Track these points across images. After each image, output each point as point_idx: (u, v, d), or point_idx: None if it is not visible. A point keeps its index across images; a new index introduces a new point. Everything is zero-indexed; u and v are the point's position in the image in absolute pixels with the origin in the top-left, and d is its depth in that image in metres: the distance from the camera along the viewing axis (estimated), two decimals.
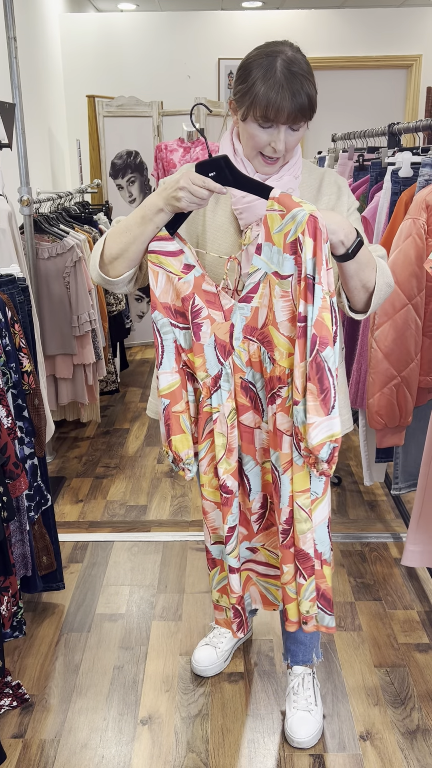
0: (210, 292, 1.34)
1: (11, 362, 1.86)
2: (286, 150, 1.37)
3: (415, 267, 1.90)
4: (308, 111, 1.33)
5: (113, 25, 5.94)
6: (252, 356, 1.36)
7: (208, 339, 1.35)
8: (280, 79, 1.30)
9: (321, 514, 1.45)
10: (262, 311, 1.32)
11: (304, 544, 1.43)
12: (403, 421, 2.08)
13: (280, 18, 5.93)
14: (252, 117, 1.34)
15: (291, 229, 1.23)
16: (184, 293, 1.34)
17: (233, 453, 1.42)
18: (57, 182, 5.65)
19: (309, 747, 1.72)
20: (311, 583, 1.47)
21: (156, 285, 1.35)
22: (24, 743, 1.75)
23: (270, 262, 1.28)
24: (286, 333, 1.30)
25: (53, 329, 3.34)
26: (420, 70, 6.10)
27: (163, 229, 1.34)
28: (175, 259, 1.33)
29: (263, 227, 1.28)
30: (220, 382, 1.38)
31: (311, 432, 1.28)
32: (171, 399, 1.39)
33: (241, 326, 1.35)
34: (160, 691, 1.91)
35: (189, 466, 1.44)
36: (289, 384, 1.32)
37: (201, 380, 1.38)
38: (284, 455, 1.37)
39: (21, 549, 2.00)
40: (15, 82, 2.91)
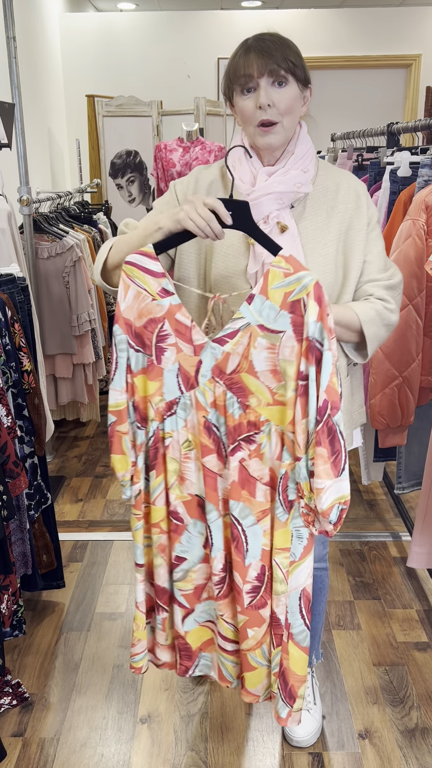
0: (182, 323, 1.30)
1: (11, 361, 1.86)
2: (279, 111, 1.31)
3: (415, 268, 1.91)
4: (282, 62, 1.29)
5: (113, 24, 5.94)
6: (217, 398, 1.31)
7: (170, 365, 1.32)
8: (250, 44, 1.32)
9: (296, 580, 1.35)
10: (234, 358, 1.28)
11: (277, 608, 1.36)
12: (405, 421, 2.08)
13: (279, 17, 5.93)
14: (235, 92, 1.33)
15: (295, 289, 1.22)
16: (154, 315, 1.30)
17: (185, 483, 1.37)
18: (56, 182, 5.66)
19: (308, 746, 1.73)
20: (277, 654, 1.39)
21: (123, 299, 1.30)
22: (24, 741, 1.75)
23: (259, 315, 1.26)
24: (266, 382, 1.28)
25: (53, 329, 3.34)
26: (419, 69, 6.10)
27: (150, 246, 1.30)
28: (154, 279, 1.29)
29: (262, 280, 1.25)
30: (176, 408, 1.33)
31: (322, 496, 1.25)
32: (117, 418, 1.34)
33: (210, 365, 1.30)
34: (160, 689, 1.92)
35: (124, 488, 1.39)
36: (264, 432, 1.30)
37: (155, 405, 1.34)
38: (257, 504, 1.33)
39: (21, 547, 2.00)
40: (14, 81, 2.91)
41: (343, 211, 1.41)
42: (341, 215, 1.41)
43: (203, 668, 1.52)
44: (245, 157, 1.39)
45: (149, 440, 1.36)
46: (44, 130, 5.33)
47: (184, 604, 1.45)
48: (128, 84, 5.88)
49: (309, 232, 1.40)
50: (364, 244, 1.42)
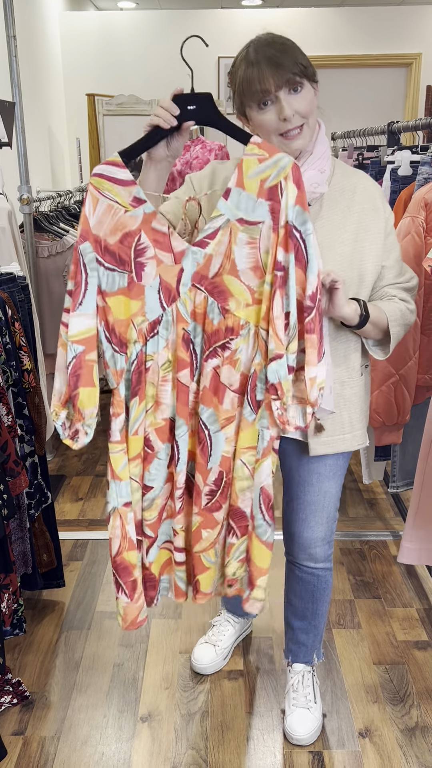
0: (160, 231, 1.23)
1: (11, 360, 1.86)
2: (301, 116, 1.30)
3: (413, 265, 1.91)
4: (295, 68, 1.27)
5: (113, 23, 5.94)
6: (197, 307, 1.27)
7: (151, 281, 1.24)
8: (254, 56, 1.29)
9: (258, 477, 1.37)
10: (216, 259, 1.23)
11: (242, 503, 1.37)
12: (401, 419, 2.08)
13: (279, 16, 5.93)
14: (249, 107, 1.32)
15: (272, 174, 1.17)
16: (129, 228, 1.22)
17: (160, 407, 1.32)
18: (57, 181, 5.65)
19: (308, 744, 1.73)
20: (243, 543, 1.40)
21: (93, 213, 1.21)
22: (24, 740, 1.75)
23: (236, 208, 1.21)
24: (246, 282, 1.24)
25: (53, 327, 3.34)
26: (420, 68, 6.09)
27: (116, 154, 1.23)
28: (124, 189, 1.21)
29: (236, 171, 1.21)
30: (158, 328, 1.27)
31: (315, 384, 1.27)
32: (86, 346, 1.25)
33: (191, 272, 1.25)
34: (160, 688, 1.92)
35: (89, 427, 1.30)
36: (243, 335, 1.26)
37: (137, 326, 1.27)
38: (224, 411, 1.31)
39: (21, 546, 2.00)
40: (15, 80, 2.91)
41: (360, 212, 1.42)
42: (358, 216, 1.42)
43: (163, 592, 1.51)
44: None
45: (132, 364, 1.29)
46: (44, 128, 5.33)
47: (149, 534, 1.42)
48: (128, 83, 5.88)
49: (325, 231, 1.41)
50: (381, 248, 1.44)
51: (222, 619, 2.06)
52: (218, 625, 2.05)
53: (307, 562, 1.70)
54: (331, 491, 1.61)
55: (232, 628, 2.04)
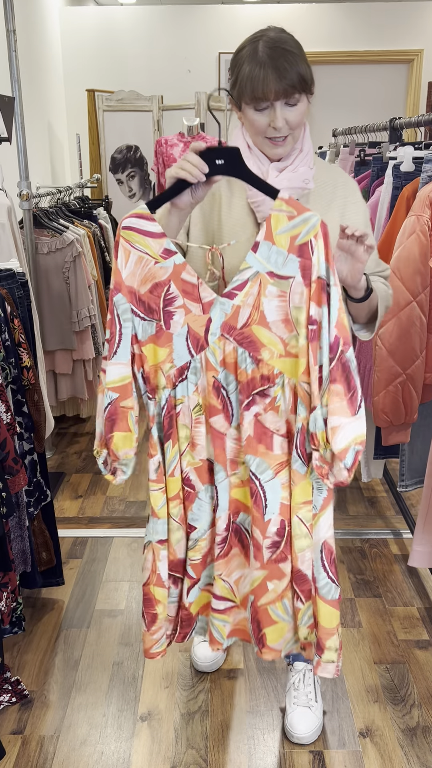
0: (189, 282, 1.26)
1: (11, 357, 1.85)
2: (290, 127, 1.35)
3: (419, 264, 1.89)
4: (297, 83, 1.31)
5: (113, 18, 5.92)
6: (227, 356, 1.29)
7: (179, 329, 1.28)
8: (263, 57, 1.30)
9: (318, 533, 1.35)
10: (245, 310, 1.26)
11: (302, 564, 1.35)
12: (409, 419, 2.07)
13: (280, 12, 5.91)
14: (245, 103, 1.35)
15: (302, 231, 1.21)
16: (159, 279, 1.26)
17: (197, 448, 1.35)
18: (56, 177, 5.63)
19: (309, 743, 1.72)
20: (309, 608, 1.39)
21: (124, 265, 1.25)
22: (23, 739, 1.74)
23: (267, 261, 1.24)
24: (278, 333, 1.26)
25: (53, 324, 3.33)
26: (421, 64, 6.07)
27: (143, 205, 1.25)
28: (155, 241, 1.25)
29: (265, 226, 1.24)
30: (186, 373, 1.31)
31: (337, 435, 1.24)
32: (121, 393, 1.29)
33: (219, 322, 1.28)
34: (160, 687, 1.91)
35: (125, 466, 1.36)
36: (278, 384, 1.28)
37: (165, 372, 1.31)
38: (274, 457, 1.32)
39: (20, 545, 1.99)
40: (14, 75, 2.89)
41: (342, 205, 1.48)
42: (340, 209, 1.48)
43: (199, 630, 1.53)
44: (249, 152, 1.40)
45: (162, 410, 1.33)
46: (44, 124, 5.31)
47: (192, 575, 1.43)
48: (129, 78, 5.86)
49: None
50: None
51: None
52: None
53: None
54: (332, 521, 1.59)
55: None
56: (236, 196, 1.44)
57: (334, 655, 1.41)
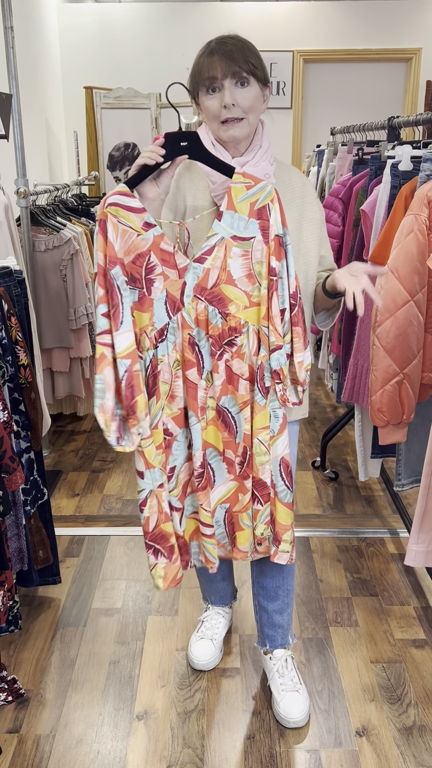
0: (166, 251, 1.41)
1: (8, 355, 1.85)
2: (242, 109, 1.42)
3: (417, 263, 1.89)
4: (244, 63, 1.40)
5: (111, 15, 5.90)
6: (199, 314, 1.45)
7: (159, 294, 1.43)
8: (212, 45, 1.43)
9: (276, 451, 1.57)
10: (213, 272, 1.43)
11: (263, 474, 1.57)
12: (406, 418, 2.06)
13: (279, 10, 5.89)
14: (201, 93, 1.44)
15: (260, 197, 1.40)
16: (141, 250, 1.40)
17: (175, 399, 1.51)
18: (54, 174, 5.62)
19: (303, 724, 1.76)
20: (266, 508, 1.61)
21: (116, 239, 1.38)
22: (19, 738, 1.74)
23: (230, 227, 1.41)
24: (243, 288, 1.44)
25: (50, 322, 3.32)
26: (419, 63, 6.07)
27: (123, 185, 1.39)
28: (136, 215, 1.38)
29: (226, 197, 1.40)
30: (166, 333, 1.46)
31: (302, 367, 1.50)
32: (132, 359, 1.42)
33: (193, 284, 1.44)
34: (156, 686, 1.91)
35: (143, 428, 1.47)
36: (245, 333, 1.46)
37: (149, 334, 1.45)
38: (240, 396, 1.52)
39: (17, 543, 1.99)
40: (12, 72, 2.88)
41: (302, 204, 1.57)
42: (299, 207, 1.57)
43: (195, 556, 1.69)
44: (213, 149, 1.48)
45: (147, 369, 1.47)
46: (42, 121, 5.30)
47: (178, 506, 1.61)
48: (127, 76, 5.85)
49: None
50: (319, 238, 1.61)
51: (212, 613, 2.06)
52: (209, 619, 2.05)
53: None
54: (293, 457, 1.73)
55: (223, 620, 2.05)
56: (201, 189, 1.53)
57: (288, 547, 1.64)
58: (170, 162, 1.41)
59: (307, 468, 3.22)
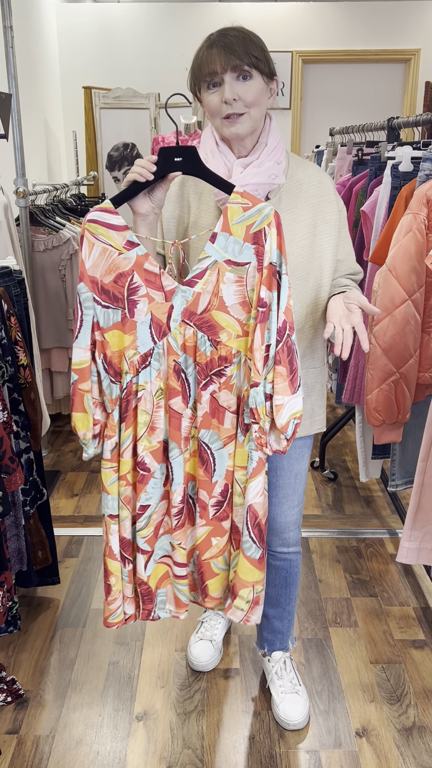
0: (151, 272, 1.34)
1: (7, 355, 1.84)
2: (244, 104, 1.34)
3: (415, 262, 1.89)
4: (245, 56, 1.32)
5: (110, 15, 5.89)
6: (187, 341, 1.37)
7: (143, 317, 1.36)
8: (212, 38, 1.35)
9: (249, 494, 1.43)
10: (204, 297, 1.34)
11: (236, 517, 1.48)
12: (402, 418, 2.07)
13: (278, 10, 5.89)
14: (202, 88, 1.37)
15: (257, 220, 1.30)
16: (123, 269, 1.34)
17: (155, 432, 1.42)
18: (53, 174, 5.62)
19: (303, 726, 1.76)
20: (237, 556, 1.50)
21: (88, 257, 1.32)
22: (18, 739, 1.74)
23: (224, 251, 1.32)
24: (236, 315, 1.35)
25: (49, 322, 3.31)
26: (418, 64, 6.07)
27: (108, 200, 1.32)
28: (118, 233, 1.32)
29: (222, 218, 1.31)
30: (150, 359, 1.38)
31: (281, 412, 1.35)
32: (80, 376, 1.37)
33: (180, 309, 1.36)
34: (156, 686, 1.90)
35: (86, 446, 1.42)
36: (236, 363, 1.37)
37: (129, 358, 1.38)
38: (225, 430, 1.42)
39: (16, 544, 1.98)
40: (11, 72, 2.88)
41: (317, 204, 1.47)
42: (314, 208, 1.47)
43: (161, 605, 1.58)
44: (216, 149, 1.43)
45: (122, 392, 1.40)
46: (41, 121, 5.29)
47: (146, 549, 1.49)
48: (126, 76, 5.84)
49: (286, 223, 1.46)
50: (336, 241, 1.51)
51: (211, 614, 2.06)
52: (209, 620, 2.04)
53: (281, 548, 1.73)
54: (302, 473, 1.68)
55: (223, 621, 2.06)
56: (205, 199, 1.47)
57: (244, 605, 1.51)
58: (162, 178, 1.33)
59: None
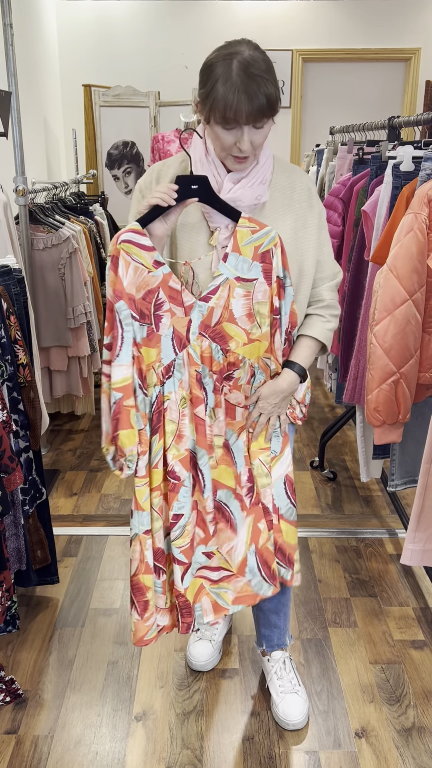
0: (174, 288, 1.45)
1: (6, 354, 1.84)
2: (253, 147, 1.40)
3: (416, 262, 1.88)
4: (267, 110, 1.34)
5: (110, 13, 5.88)
6: (203, 351, 1.49)
7: (166, 330, 1.46)
8: (236, 82, 1.31)
9: (279, 470, 1.59)
10: (217, 311, 1.47)
11: (264, 498, 1.58)
12: (402, 418, 2.06)
13: (278, 8, 5.88)
14: (214, 120, 1.37)
15: (264, 242, 1.46)
16: (151, 286, 1.44)
17: (182, 440, 1.51)
18: (52, 172, 5.61)
19: (302, 727, 1.76)
20: (270, 536, 1.60)
21: (125, 275, 1.42)
22: (17, 739, 1.73)
23: (234, 269, 1.46)
24: (242, 326, 1.49)
25: (48, 321, 3.31)
26: (418, 63, 6.07)
27: (135, 222, 1.42)
28: (148, 253, 1.43)
29: (232, 240, 1.44)
30: (173, 370, 1.48)
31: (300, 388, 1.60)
32: (124, 393, 1.44)
33: (198, 322, 1.47)
34: (155, 686, 1.90)
35: (130, 462, 1.48)
36: (242, 367, 1.51)
37: (156, 370, 1.47)
38: (237, 423, 1.56)
39: (15, 543, 1.98)
40: (11, 69, 2.87)
41: (298, 209, 1.54)
42: (296, 212, 1.54)
43: (199, 619, 1.63)
44: (206, 159, 1.47)
45: (152, 405, 1.49)
46: (40, 119, 5.28)
47: (183, 560, 1.55)
48: (126, 74, 5.83)
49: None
50: (317, 243, 1.58)
51: None
52: None
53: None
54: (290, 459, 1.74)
55: (222, 621, 2.04)
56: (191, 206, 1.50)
57: (299, 566, 1.65)
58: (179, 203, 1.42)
59: (305, 468, 3.22)
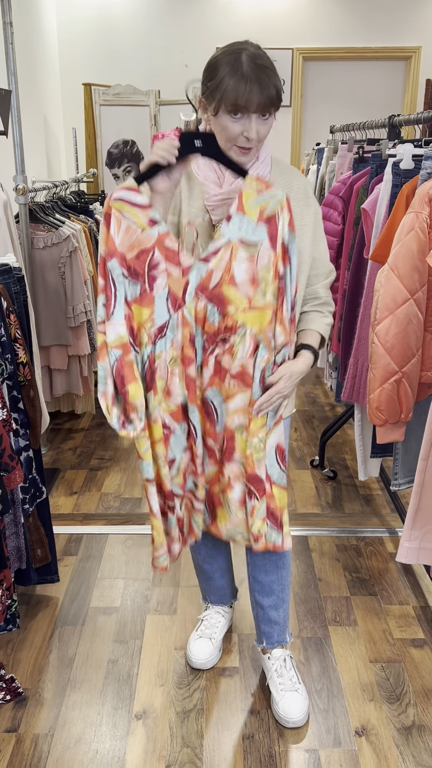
0: (171, 249, 1.43)
1: (6, 353, 1.84)
2: (259, 139, 1.43)
3: (417, 261, 1.88)
4: (276, 100, 1.40)
5: (110, 12, 5.88)
6: (198, 312, 1.48)
7: (160, 291, 1.45)
8: (247, 71, 1.37)
9: (271, 441, 1.59)
10: (217, 273, 1.45)
11: (258, 469, 1.59)
12: (404, 417, 2.06)
13: (278, 7, 5.88)
14: (223, 110, 1.40)
15: (270, 204, 1.42)
16: (145, 246, 1.42)
17: (171, 396, 1.54)
18: (52, 171, 5.60)
19: (303, 724, 1.76)
20: (263, 503, 1.62)
21: (117, 233, 1.41)
22: (17, 737, 1.73)
23: (238, 230, 1.43)
24: (245, 290, 1.47)
25: (48, 320, 3.31)
26: (419, 62, 6.06)
27: (131, 179, 1.40)
28: (142, 211, 1.40)
29: (237, 199, 1.42)
30: (166, 330, 1.48)
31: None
32: (123, 349, 1.45)
33: (195, 283, 1.46)
34: (155, 685, 1.90)
35: (142, 413, 1.49)
36: (239, 334, 1.49)
37: (147, 330, 1.47)
38: (225, 388, 1.55)
39: (15, 542, 1.98)
40: (11, 68, 2.86)
41: (294, 207, 1.56)
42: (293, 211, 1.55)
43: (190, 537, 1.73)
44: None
45: (144, 364, 1.50)
46: (40, 118, 5.28)
47: (179, 493, 1.65)
48: (126, 72, 5.83)
49: None
50: (312, 240, 1.61)
51: (211, 612, 2.06)
52: (208, 618, 2.04)
53: None
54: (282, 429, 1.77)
55: (223, 619, 2.05)
56: (195, 194, 1.54)
57: (288, 528, 1.66)
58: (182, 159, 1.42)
59: (305, 467, 3.22)
